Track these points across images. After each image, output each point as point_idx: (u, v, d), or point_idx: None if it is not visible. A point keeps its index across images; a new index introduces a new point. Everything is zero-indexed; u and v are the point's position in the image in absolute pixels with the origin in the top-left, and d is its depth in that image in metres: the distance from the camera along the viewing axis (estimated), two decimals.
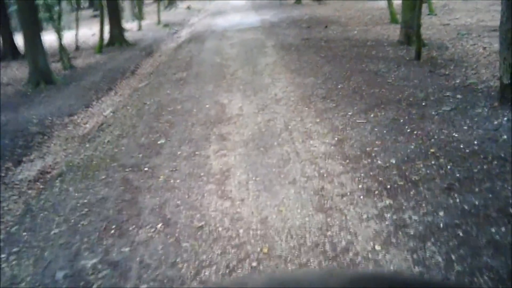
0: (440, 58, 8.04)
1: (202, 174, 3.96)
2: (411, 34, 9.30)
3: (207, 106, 6.19)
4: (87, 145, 5.64)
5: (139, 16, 21.01)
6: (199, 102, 6.44)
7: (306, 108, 5.48)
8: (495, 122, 4.30)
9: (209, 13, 25.69)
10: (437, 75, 6.78)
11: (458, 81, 6.27)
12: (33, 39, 9.94)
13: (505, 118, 4.38)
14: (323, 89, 6.32)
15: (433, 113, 4.79)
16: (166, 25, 20.39)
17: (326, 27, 12.97)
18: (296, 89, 6.47)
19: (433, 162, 3.57)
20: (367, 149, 4.01)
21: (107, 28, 15.54)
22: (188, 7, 30.98)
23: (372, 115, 4.94)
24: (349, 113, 5.11)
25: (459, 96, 5.39)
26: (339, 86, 6.36)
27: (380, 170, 3.55)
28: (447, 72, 6.93)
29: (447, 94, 5.51)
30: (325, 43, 10.29)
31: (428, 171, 3.45)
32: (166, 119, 5.86)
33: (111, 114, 7.32)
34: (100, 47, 14.52)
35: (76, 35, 15.66)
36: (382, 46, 9.50)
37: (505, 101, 4.65)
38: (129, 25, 21.96)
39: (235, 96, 6.50)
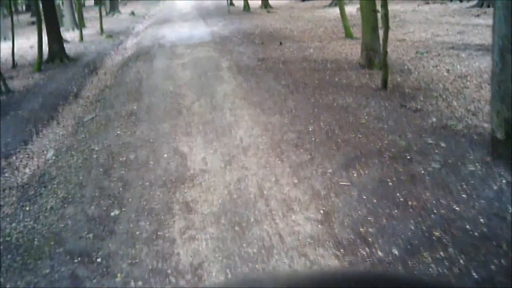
0: (407, 86, 7.70)
1: (168, 271, 3.28)
2: (373, 57, 8.96)
3: (165, 155, 5.49)
4: (27, 209, 4.81)
5: (80, 24, 19.72)
6: (155, 150, 5.71)
7: (279, 162, 4.90)
8: (495, 187, 3.89)
9: (154, 20, 24.70)
10: (410, 110, 6.40)
11: (434, 120, 5.89)
12: None
13: (504, 181, 3.98)
14: (293, 132, 5.76)
15: (422, 171, 4.33)
16: (109, 36, 19.27)
17: (280, 43, 12.47)
18: (263, 132, 5.88)
19: (442, 254, 3.08)
20: (361, 229, 3.48)
21: (46, 39, 14.36)
22: (132, 13, 29.73)
23: (355, 174, 4.42)
24: (329, 171, 4.58)
25: (442, 144, 4.98)
26: (310, 129, 5.83)
27: (384, 267, 3.02)
28: (419, 106, 6.56)
29: (429, 141, 5.10)
30: (283, 65, 9.76)
31: (439, 269, 2.95)
32: (119, 175, 5.10)
33: (53, 158, 6.46)
34: (39, 64, 13.35)
35: (13, 48, 14.36)
36: (343, 70, 9.09)
37: (498, 156, 4.27)
38: (70, 35, 20.66)
39: (195, 142, 5.82)
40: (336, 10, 21.09)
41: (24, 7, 43.31)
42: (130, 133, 6.52)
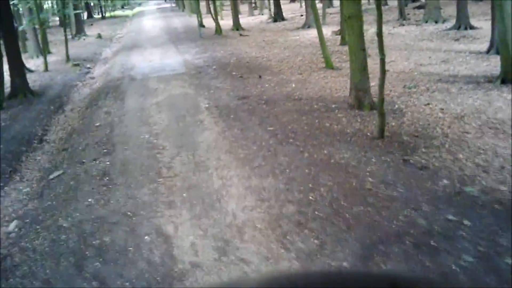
0: (404, 132, 7.16)
1: None
2: (363, 98, 8.42)
3: (146, 238, 4.72)
4: None
5: (44, 51, 18.64)
6: (134, 229, 4.93)
7: (283, 251, 4.20)
8: None
9: (122, 44, 23.81)
10: (415, 168, 5.82)
11: (446, 182, 5.32)
12: None
13: None
14: (292, 203, 5.08)
15: (454, 267, 3.71)
16: (76, 64, 18.32)
17: (260, 77, 11.85)
18: (258, 202, 5.17)
19: None
20: None
21: (8, 69, 13.33)
22: (99, 35, 28.74)
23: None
24: (344, 264, 3.91)
25: (466, 222, 4.38)
26: (311, 197, 5.16)
27: None
28: (423, 161, 6.00)
29: (450, 217, 4.50)
30: (267, 106, 9.12)
31: None
32: (93, 270, 4.30)
33: (16, 230, 5.61)
34: (1, 102, 12.33)
35: None
36: (331, 111, 8.51)
37: None
38: (34, 62, 19.62)
39: (181, 217, 5.07)
40: (310, 32, 20.77)
41: None
42: (103, 202, 5.72)
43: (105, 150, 7.59)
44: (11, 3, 23.66)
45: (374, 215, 4.65)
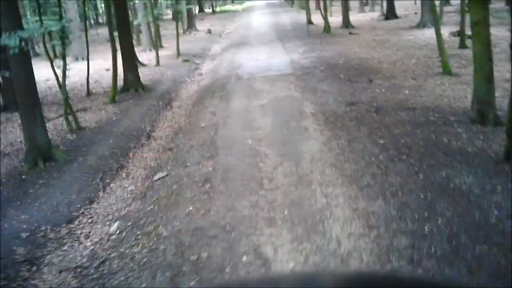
0: None
1: None
2: (487, 112, 7.52)
3: (244, 259, 4.49)
4: None
5: (156, 45, 19.40)
6: (232, 247, 4.73)
7: None
8: None
9: (231, 41, 24.17)
10: None
11: None
12: (32, 110, 8.42)
13: None
14: (405, 235, 4.55)
15: None
16: (186, 60, 18.86)
17: (370, 81, 11.20)
18: (366, 230, 4.71)
19: None
20: None
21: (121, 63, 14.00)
22: (209, 31, 29.49)
23: None
24: None
25: None
26: (426, 230, 4.59)
27: None
28: None
29: None
30: (377, 115, 8.52)
31: None
32: None
33: (117, 233, 5.71)
34: (114, 96, 12.97)
35: (88, 72, 14.13)
36: (450, 124, 7.71)
37: None
38: (147, 56, 20.54)
39: (280, 239, 4.77)
40: (425, 32, 19.44)
41: (105, 19, 44.74)
42: (203, 211, 5.60)
43: (208, 154, 7.54)
44: None
45: (500, 258, 3.99)
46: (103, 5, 31.36)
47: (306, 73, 12.96)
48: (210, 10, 52.00)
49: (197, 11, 49.30)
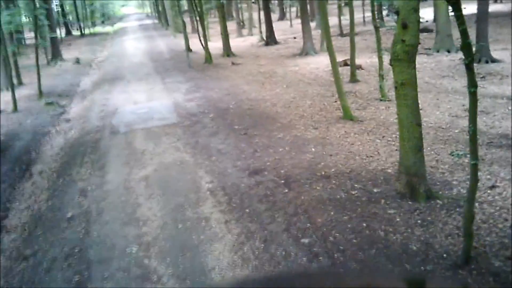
0: (490, 251, 5.19)
1: None
2: (417, 185, 6.45)
3: None
4: None
5: (12, 88, 16.23)
6: None
7: None
8: None
9: (103, 73, 21.61)
10: None
11: None
12: None
13: None
14: None
15: None
16: (49, 103, 16.06)
17: (269, 134, 9.82)
18: None
19: None
20: None
21: None
22: (77, 60, 26.45)
23: None
24: None
25: None
26: None
27: None
28: None
29: None
30: (289, 191, 7.08)
31: None
32: None
33: None
34: None
35: None
36: (377, 202, 6.51)
37: None
38: (3, 98, 17.27)
39: None
40: (309, 62, 18.82)
41: None
42: None
43: (76, 278, 5.45)
44: None
45: None
46: None
47: (195, 123, 11.24)
48: (79, 33, 47.95)
49: (63, 34, 45.18)
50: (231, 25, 32.46)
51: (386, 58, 12.10)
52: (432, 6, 22.14)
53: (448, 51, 17.52)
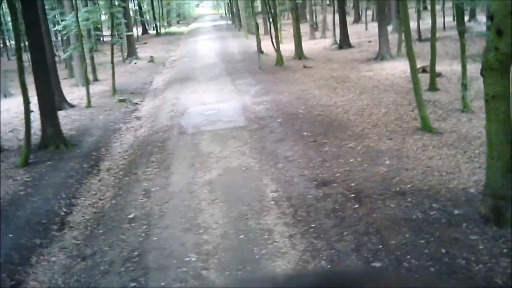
0: None
1: None
2: (504, 210, 5.73)
3: None
4: None
5: (86, 82, 16.60)
6: None
7: None
8: None
9: (174, 73, 21.91)
10: None
11: None
12: None
13: None
14: None
15: None
16: (122, 100, 16.41)
17: (341, 143, 9.31)
18: None
19: None
20: None
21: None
22: (151, 59, 27.09)
23: None
24: None
25: None
26: None
27: None
28: None
29: None
30: (360, 206, 6.58)
31: None
32: None
33: None
34: (26, 157, 10.39)
35: None
36: (458, 226, 5.86)
37: None
38: (78, 93, 17.92)
39: None
40: (384, 67, 17.95)
41: None
42: None
43: (132, 285, 5.28)
44: (54, 29, 22.36)
45: None
46: None
47: (262, 127, 10.94)
48: (155, 32, 49.38)
49: (140, 33, 46.72)
50: (304, 27, 31.94)
51: (469, 66, 11.30)
52: None
53: None
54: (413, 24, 23.84)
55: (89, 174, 9.87)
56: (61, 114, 13.34)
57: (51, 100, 11.98)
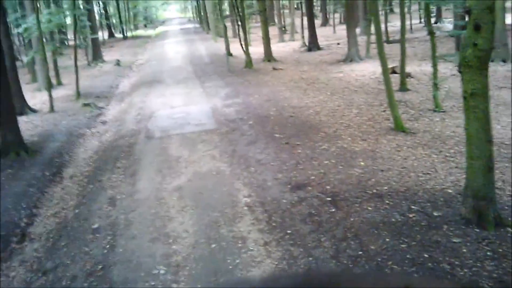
0: None
1: None
2: (485, 211, 5.57)
3: None
4: None
5: (48, 88, 15.89)
6: None
7: None
8: None
9: (142, 76, 21.35)
10: None
11: None
12: None
13: None
14: None
15: None
16: (86, 104, 15.77)
17: (314, 145, 9.06)
18: None
19: None
20: None
21: None
22: (117, 62, 26.39)
23: None
24: None
25: None
26: None
27: None
28: None
29: None
30: (337, 210, 6.31)
31: None
32: None
33: None
34: None
35: None
36: (438, 228, 5.67)
37: None
38: (40, 98, 17.16)
39: None
40: (354, 69, 17.87)
41: None
42: None
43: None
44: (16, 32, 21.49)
45: None
46: None
47: (233, 130, 10.60)
48: (121, 35, 48.40)
49: (106, 36, 45.72)
50: (273, 30, 31.77)
51: (439, 67, 11.26)
52: None
53: (504, 61, 16.27)
54: (381, 26, 24.06)
55: (52, 182, 9.33)
56: (22, 119, 12.73)
57: (11, 105, 11.32)
